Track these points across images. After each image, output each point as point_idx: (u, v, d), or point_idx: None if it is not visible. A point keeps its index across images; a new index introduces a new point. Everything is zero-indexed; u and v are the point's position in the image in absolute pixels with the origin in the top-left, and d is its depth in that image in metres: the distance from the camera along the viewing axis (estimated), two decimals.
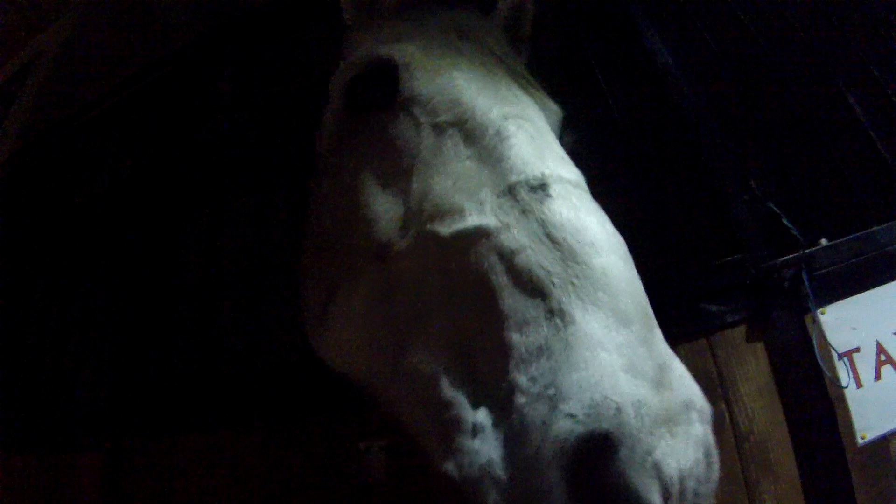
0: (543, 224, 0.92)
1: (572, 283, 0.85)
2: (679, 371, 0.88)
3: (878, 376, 1.97)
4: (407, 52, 1.37)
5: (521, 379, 0.82)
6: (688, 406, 0.85)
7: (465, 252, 0.99)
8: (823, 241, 2.07)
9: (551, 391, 0.78)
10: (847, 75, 2.47)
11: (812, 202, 2.18)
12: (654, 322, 0.90)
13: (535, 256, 0.89)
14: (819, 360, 1.88)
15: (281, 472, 1.95)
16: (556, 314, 0.83)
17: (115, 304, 2.65)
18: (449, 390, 0.92)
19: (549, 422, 0.76)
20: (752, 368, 1.87)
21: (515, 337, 0.86)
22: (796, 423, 1.83)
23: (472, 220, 1.00)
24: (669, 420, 0.79)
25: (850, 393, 1.91)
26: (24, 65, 4.09)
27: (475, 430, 0.85)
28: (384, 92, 1.33)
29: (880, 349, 2.00)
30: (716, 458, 0.86)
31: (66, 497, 2.37)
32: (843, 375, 1.91)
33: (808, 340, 1.90)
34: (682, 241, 2.04)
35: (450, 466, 0.86)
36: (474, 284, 0.95)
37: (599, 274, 0.85)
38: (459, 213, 1.02)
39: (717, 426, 1.75)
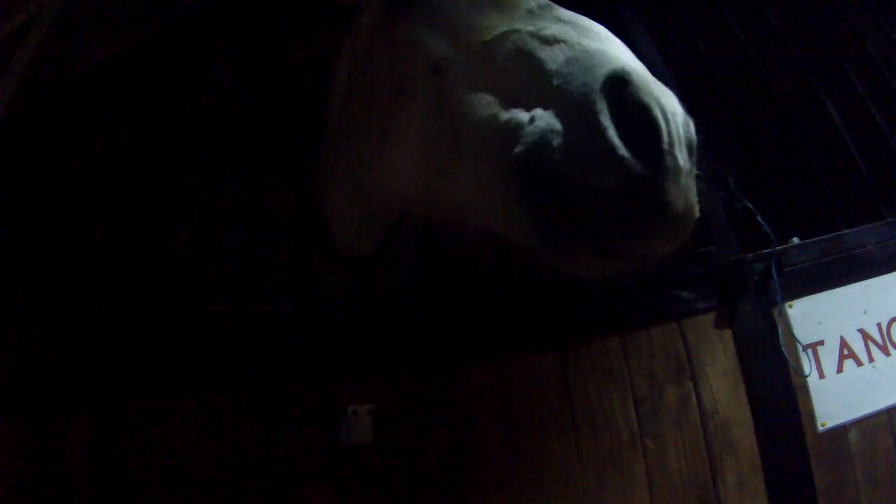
0: (557, 17, 1.32)
1: (583, 37, 1.21)
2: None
3: (840, 369, 2.08)
4: None
5: (558, 80, 1.15)
6: (668, 92, 1.13)
7: (505, 41, 1.33)
8: (795, 240, 2.17)
9: (584, 71, 1.12)
10: (827, 83, 2.56)
11: (786, 202, 2.27)
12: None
13: (556, 29, 1.26)
14: (783, 350, 1.98)
15: (269, 435, 1.99)
16: (577, 45, 1.19)
17: (107, 269, 2.68)
18: (505, 116, 1.24)
19: (587, 71, 1.11)
20: (720, 353, 1.96)
21: (551, 65, 1.19)
22: (759, 406, 1.92)
23: (507, 26, 1.35)
24: (660, 88, 1.10)
25: (813, 382, 2.01)
26: (20, 27, 4.06)
27: (532, 119, 1.16)
28: None
29: (843, 344, 2.10)
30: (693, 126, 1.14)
31: (55, 461, 2.38)
32: (806, 366, 2.01)
33: (775, 331, 2.00)
34: None
35: (519, 149, 1.15)
36: (514, 53, 1.30)
37: (597, 32, 1.24)
38: (497, 27, 1.38)
39: (684, 404, 1.88)
